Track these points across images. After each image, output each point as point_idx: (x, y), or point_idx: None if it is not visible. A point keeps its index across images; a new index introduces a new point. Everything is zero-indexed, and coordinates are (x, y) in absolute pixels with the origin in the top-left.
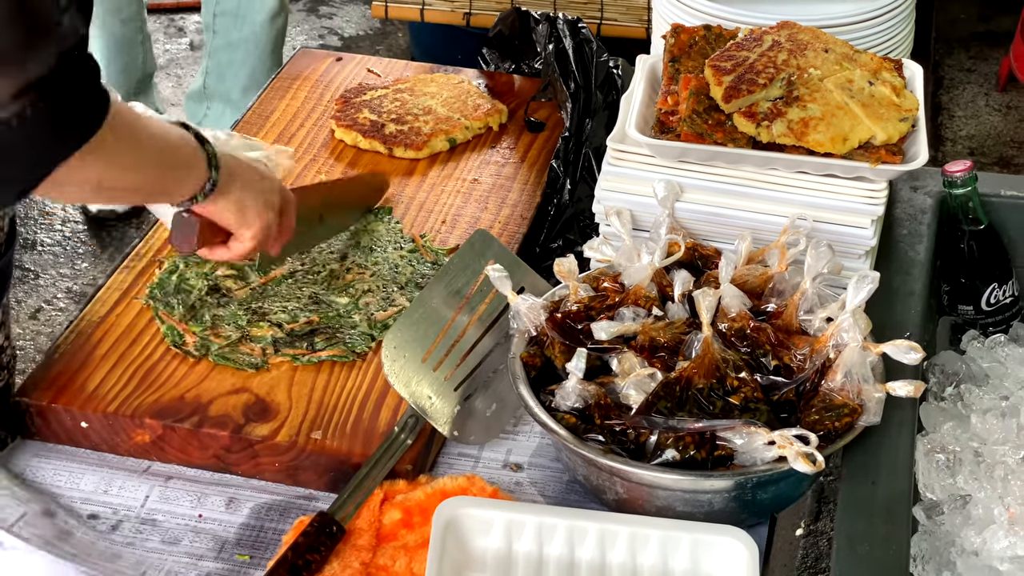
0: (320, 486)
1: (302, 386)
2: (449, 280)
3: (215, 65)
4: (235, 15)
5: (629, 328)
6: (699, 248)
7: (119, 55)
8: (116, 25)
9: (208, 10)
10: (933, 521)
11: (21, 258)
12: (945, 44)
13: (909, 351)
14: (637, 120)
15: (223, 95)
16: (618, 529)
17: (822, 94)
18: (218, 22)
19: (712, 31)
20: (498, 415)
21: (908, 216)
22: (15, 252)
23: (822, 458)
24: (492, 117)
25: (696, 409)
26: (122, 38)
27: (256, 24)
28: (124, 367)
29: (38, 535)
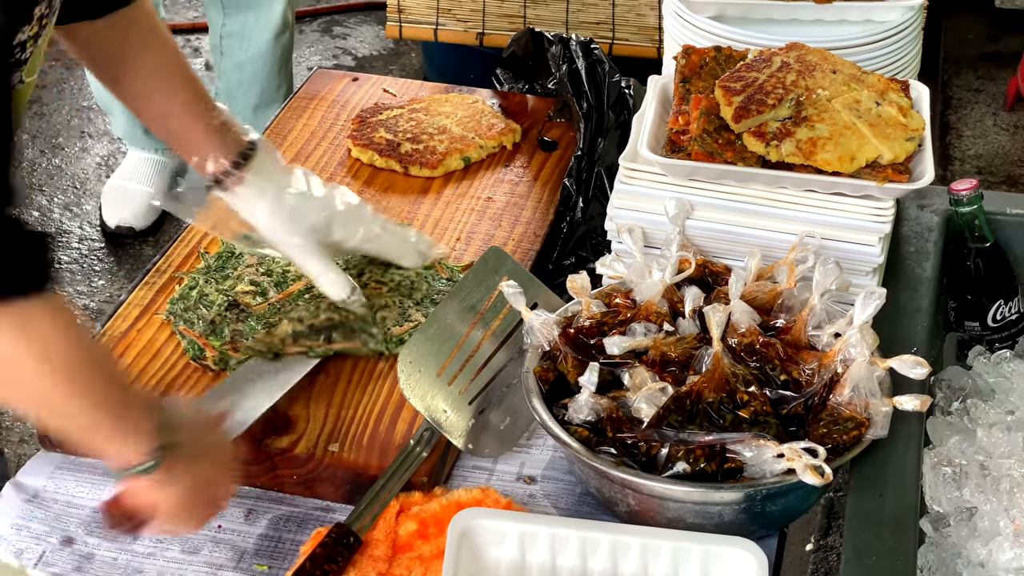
0: (337, 498)
1: (320, 400)
2: (464, 296)
3: (225, 86)
4: (241, 36)
5: (641, 343)
6: (709, 265)
7: None
8: None
9: (215, 32)
10: (940, 533)
11: None
12: (953, 64)
13: (916, 366)
14: (649, 139)
15: (235, 114)
16: (630, 540)
17: (830, 114)
18: (225, 43)
19: (722, 52)
20: (512, 428)
21: (915, 234)
22: None
23: (830, 471)
24: (506, 136)
25: (706, 422)
26: None
27: (262, 43)
28: (145, 381)
29: (59, 574)
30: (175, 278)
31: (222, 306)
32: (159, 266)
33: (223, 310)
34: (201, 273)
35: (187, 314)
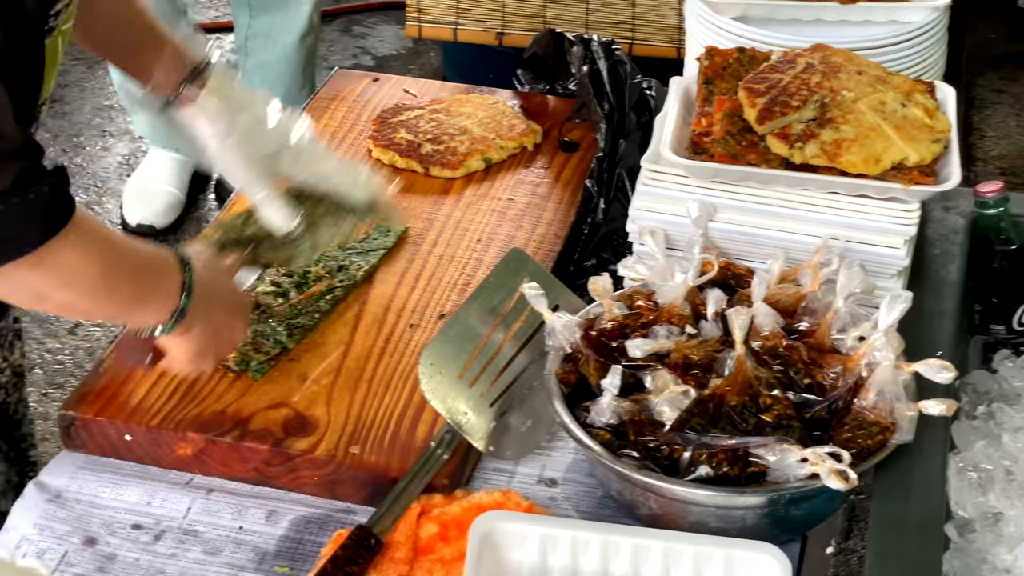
0: (358, 500)
1: (340, 401)
2: (485, 298)
3: (249, 86)
4: (267, 36)
5: (663, 346)
6: (732, 267)
7: None
8: None
9: (240, 32)
10: (965, 539)
11: None
12: (976, 65)
13: (941, 370)
14: (671, 141)
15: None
16: (652, 544)
17: (855, 116)
18: (250, 44)
19: (746, 53)
20: (533, 431)
21: (940, 236)
22: None
23: (854, 476)
24: (527, 137)
25: (729, 426)
26: None
27: (287, 45)
28: (167, 382)
29: (81, 574)
30: None
31: None
32: None
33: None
34: None
35: None
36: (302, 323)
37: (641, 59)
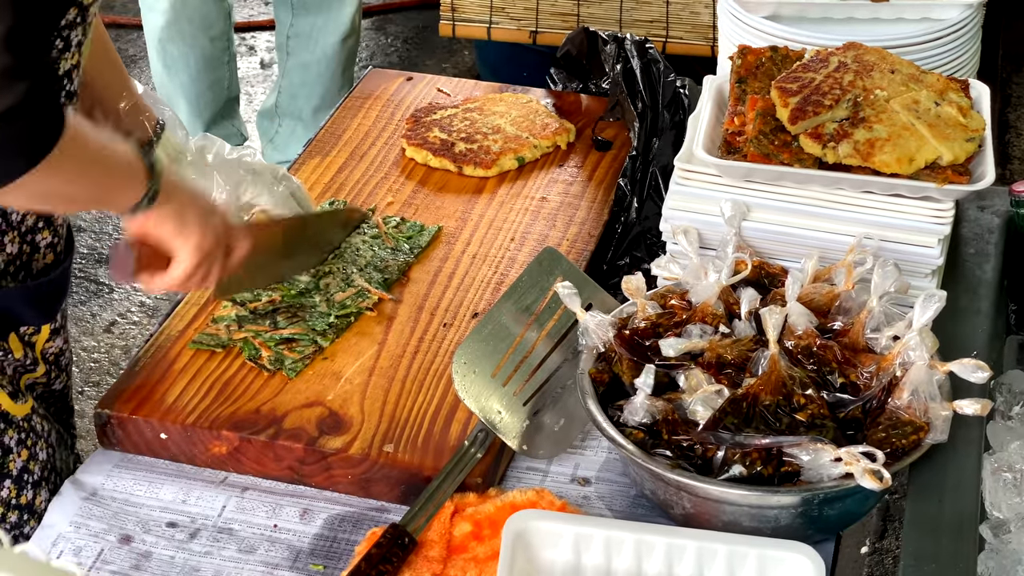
0: (392, 498)
1: (374, 400)
2: (518, 297)
3: (288, 85)
4: (308, 36)
5: (696, 345)
6: (765, 266)
7: (207, 72)
8: (205, 42)
9: (282, 31)
10: (1000, 540)
11: (96, 272)
12: (1012, 62)
13: (976, 370)
14: (704, 140)
15: (295, 114)
16: (685, 543)
17: (888, 115)
18: (291, 43)
19: (779, 52)
20: (566, 430)
21: (975, 235)
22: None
23: (888, 475)
24: (560, 136)
25: (763, 425)
26: (211, 56)
27: (328, 46)
28: (202, 380)
29: (116, 572)
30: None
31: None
32: None
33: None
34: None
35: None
36: (337, 322)
37: (675, 57)
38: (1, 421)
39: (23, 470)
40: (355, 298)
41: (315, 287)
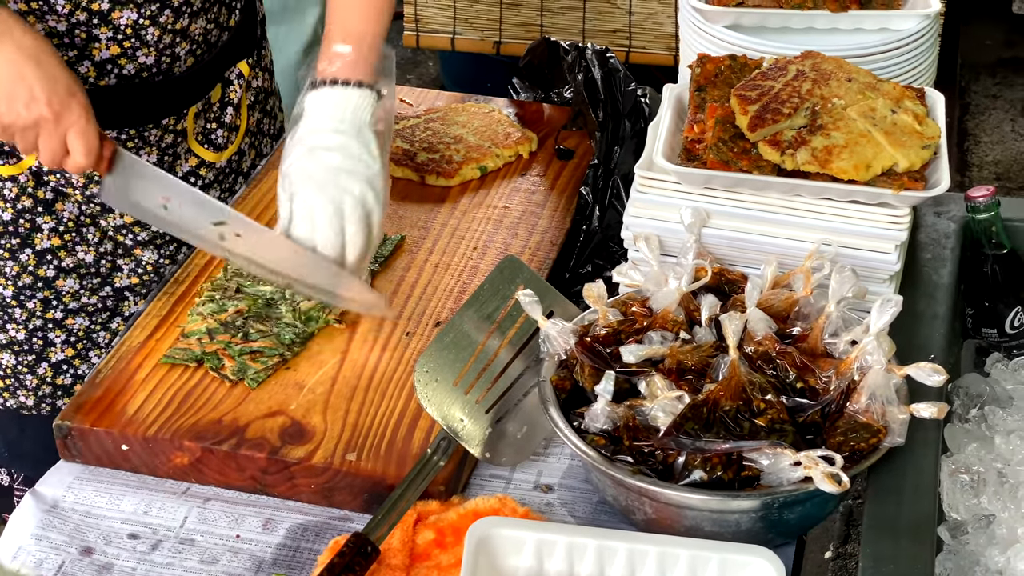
0: (355, 507)
1: (337, 409)
2: (480, 305)
3: None
4: (271, 47)
5: (657, 351)
6: (725, 273)
7: None
8: None
9: None
10: (958, 541)
11: None
12: (971, 70)
13: (933, 373)
14: (664, 148)
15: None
16: (647, 549)
17: (845, 122)
18: None
19: (737, 61)
20: (529, 437)
21: (932, 241)
22: None
23: (847, 478)
24: (522, 145)
25: (723, 431)
26: None
27: (291, 55)
28: (163, 391)
29: None
30: (194, 289)
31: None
32: (177, 276)
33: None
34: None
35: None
36: (303, 333)
37: (638, 67)
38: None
39: None
40: (320, 309)
41: (280, 296)
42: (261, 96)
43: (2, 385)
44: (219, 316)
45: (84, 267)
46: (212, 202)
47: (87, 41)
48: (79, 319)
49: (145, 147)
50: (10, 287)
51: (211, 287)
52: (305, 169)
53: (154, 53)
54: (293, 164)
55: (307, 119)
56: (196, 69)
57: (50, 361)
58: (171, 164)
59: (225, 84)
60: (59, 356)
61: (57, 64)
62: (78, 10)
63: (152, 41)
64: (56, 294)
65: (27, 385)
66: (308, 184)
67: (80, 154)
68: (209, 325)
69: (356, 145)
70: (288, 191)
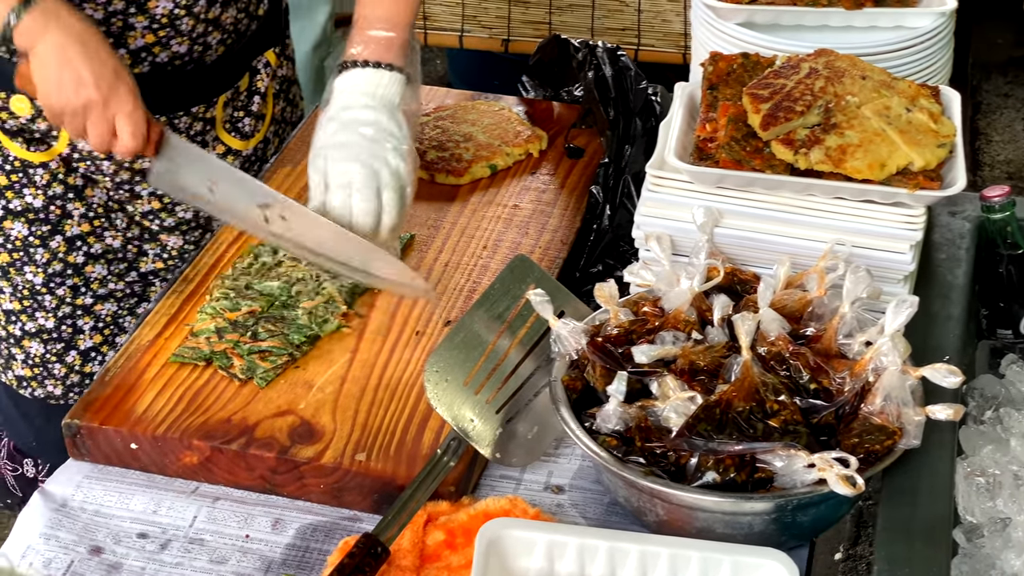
0: (365, 507)
1: (346, 409)
2: (490, 305)
3: None
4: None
5: (669, 352)
6: (738, 273)
7: None
8: None
9: None
10: (973, 544)
11: None
12: (982, 69)
13: (948, 375)
14: (676, 147)
15: None
16: (659, 551)
17: (860, 121)
18: None
19: (750, 59)
20: (539, 437)
21: (946, 241)
22: None
23: (862, 481)
24: (532, 144)
25: (736, 432)
26: None
27: (300, 54)
28: (172, 390)
29: None
30: (203, 287)
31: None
32: (186, 274)
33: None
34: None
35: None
36: (309, 331)
37: (647, 65)
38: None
39: None
40: (327, 308)
41: (288, 294)
42: (285, 85)
43: (30, 374)
44: (230, 315)
45: (112, 252)
46: (257, 184)
47: (123, 29)
48: (107, 305)
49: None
50: (40, 274)
51: (222, 285)
52: (339, 141)
53: (187, 42)
54: (326, 138)
55: (338, 97)
56: (226, 58)
57: (79, 349)
58: None
59: (253, 73)
60: (88, 343)
61: (104, 47)
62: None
63: (186, 30)
64: (85, 280)
65: (55, 374)
66: (343, 153)
67: (128, 136)
68: (218, 324)
69: (388, 120)
70: (321, 165)
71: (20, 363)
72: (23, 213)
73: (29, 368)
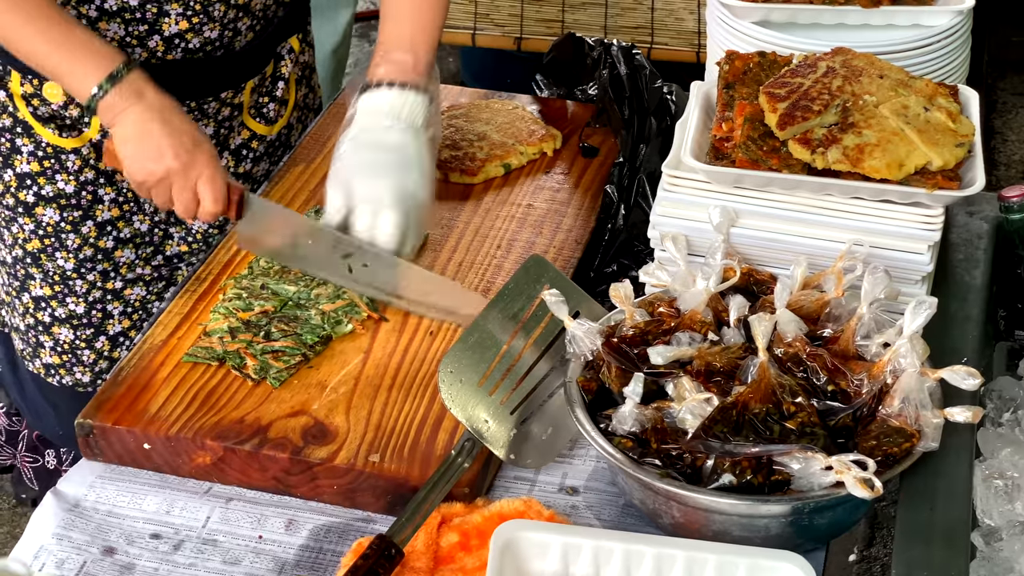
0: (378, 508)
1: (360, 409)
2: (504, 305)
3: None
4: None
5: (685, 353)
6: (754, 273)
7: None
8: None
9: None
10: (992, 547)
11: None
12: (998, 68)
13: (967, 377)
14: (692, 146)
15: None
16: (675, 553)
17: (877, 120)
18: None
19: (766, 58)
20: (554, 439)
21: (964, 241)
22: None
23: (880, 484)
24: (546, 143)
25: (752, 434)
26: None
27: (321, 54)
28: (185, 390)
29: None
30: (216, 287)
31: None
32: (199, 274)
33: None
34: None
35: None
36: (322, 332)
37: (660, 63)
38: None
39: None
40: (346, 311)
41: (307, 297)
42: (307, 71)
43: (59, 361)
44: (243, 315)
45: (139, 236)
46: (337, 235)
47: (157, 16)
48: (136, 289)
49: (204, 119)
50: (71, 260)
51: (236, 285)
52: (365, 160)
53: (218, 28)
54: (351, 157)
55: (362, 118)
56: (255, 44)
57: (108, 334)
58: (226, 136)
59: (277, 59)
60: (117, 328)
61: (181, 119)
62: None
63: (218, 16)
64: (114, 265)
65: (84, 361)
66: (370, 171)
67: (210, 202)
68: (231, 324)
69: (412, 141)
70: (344, 182)
71: (49, 350)
72: (55, 199)
73: (58, 355)
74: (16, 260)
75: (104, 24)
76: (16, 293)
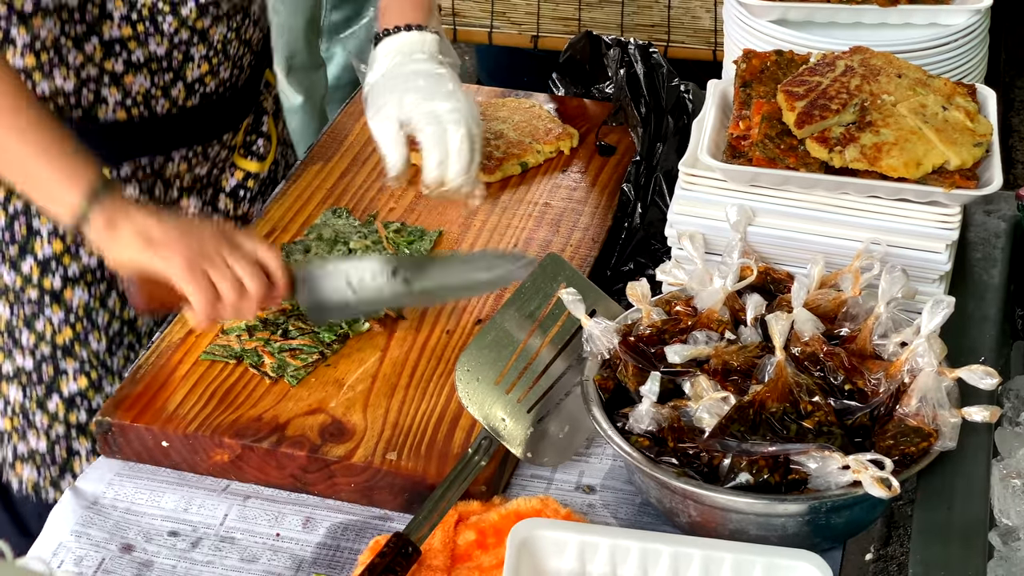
0: (395, 506)
1: (377, 407)
2: (521, 303)
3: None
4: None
5: (702, 352)
6: (771, 272)
7: None
8: None
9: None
10: (1009, 547)
11: None
12: (1015, 66)
13: (985, 376)
14: (709, 145)
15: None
16: (692, 552)
17: (895, 119)
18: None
19: (784, 56)
20: (571, 437)
21: (982, 240)
22: None
23: (897, 483)
24: (563, 141)
25: (769, 433)
26: None
27: (296, 29)
28: (203, 388)
29: None
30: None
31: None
32: None
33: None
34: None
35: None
36: (339, 330)
37: (677, 61)
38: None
39: None
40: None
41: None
42: (277, 104)
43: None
44: (260, 313)
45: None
46: (374, 257)
47: (183, 62)
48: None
49: (203, 163)
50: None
51: None
52: (408, 87)
53: (230, 66)
54: (389, 91)
55: (385, 59)
56: (250, 79)
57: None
58: (217, 177)
59: (260, 94)
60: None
61: (169, 216)
62: (183, 28)
63: (233, 54)
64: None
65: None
66: (418, 95)
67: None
68: (248, 322)
69: (446, 70)
70: (393, 112)
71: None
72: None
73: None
74: (44, 359)
75: (130, 78)
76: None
